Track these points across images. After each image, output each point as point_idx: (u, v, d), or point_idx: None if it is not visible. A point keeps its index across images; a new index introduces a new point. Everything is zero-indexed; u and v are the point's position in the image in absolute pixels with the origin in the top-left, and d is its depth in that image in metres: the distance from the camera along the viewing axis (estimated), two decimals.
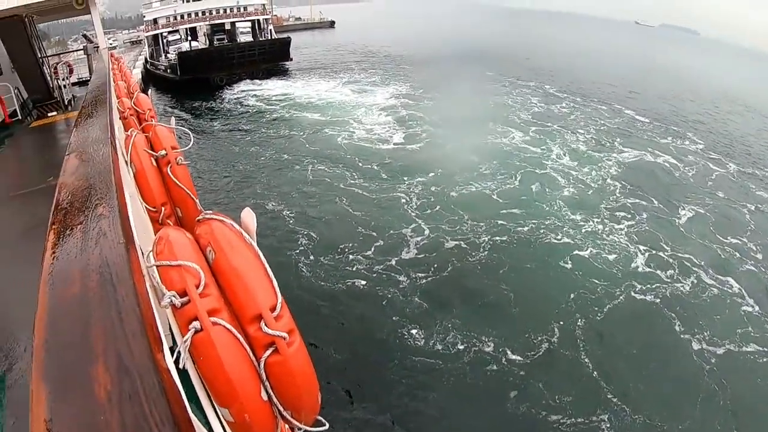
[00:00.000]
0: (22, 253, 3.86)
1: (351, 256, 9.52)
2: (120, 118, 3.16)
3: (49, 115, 9.19)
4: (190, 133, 2.44)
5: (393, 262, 9.30)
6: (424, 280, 8.76)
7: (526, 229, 10.66)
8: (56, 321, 1.22)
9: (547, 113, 20.95)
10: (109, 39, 71.00)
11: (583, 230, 10.75)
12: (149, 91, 24.21)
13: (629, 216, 11.54)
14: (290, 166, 14.75)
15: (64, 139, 7.37)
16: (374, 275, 8.91)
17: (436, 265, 9.17)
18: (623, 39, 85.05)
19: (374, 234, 10.38)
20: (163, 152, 2.19)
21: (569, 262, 9.48)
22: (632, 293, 8.56)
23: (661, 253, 9.97)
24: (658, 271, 9.33)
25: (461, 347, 7.08)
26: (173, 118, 2.44)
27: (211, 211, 1.57)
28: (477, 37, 60.64)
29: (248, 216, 1.51)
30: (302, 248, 9.89)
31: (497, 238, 10.25)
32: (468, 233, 10.43)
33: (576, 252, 9.81)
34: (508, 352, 7.00)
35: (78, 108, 9.37)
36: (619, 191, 13.00)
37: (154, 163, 2.22)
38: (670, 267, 9.51)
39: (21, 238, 4.17)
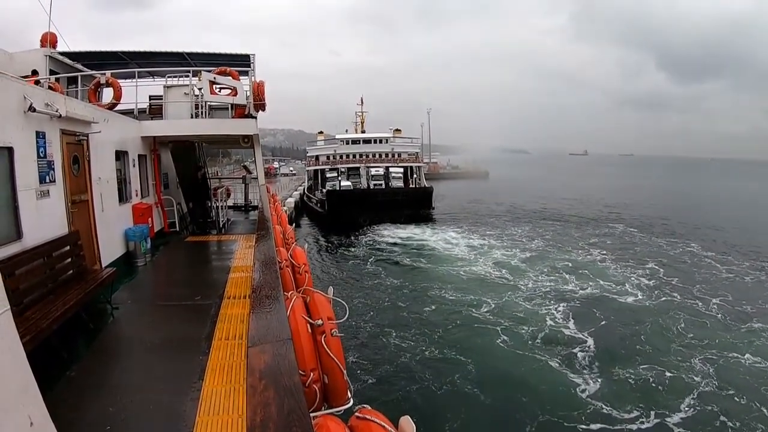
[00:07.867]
0: (155, 362, 4.18)
1: None
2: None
3: (203, 232, 10.42)
4: (345, 305, 2.74)
5: None
6: None
7: None
8: None
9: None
10: (287, 166, 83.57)
11: None
12: (300, 221, 25.90)
13: None
14: (418, 350, 10.89)
15: (216, 261, 8.35)
16: None
17: None
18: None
19: None
20: (320, 322, 2.47)
21: None
22: None
23: None
24: None
25: None
26: (331, 288, 2.78)
27: (368, 407, 1.69)
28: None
29: (407, 425, 1.59)
30: None
31: None
32: None
33: None
34: None
35: (230, 231, 11.08)
36: None
37: (309, 330, 2.50)
38: None
39: (158, 347, 4.43)
